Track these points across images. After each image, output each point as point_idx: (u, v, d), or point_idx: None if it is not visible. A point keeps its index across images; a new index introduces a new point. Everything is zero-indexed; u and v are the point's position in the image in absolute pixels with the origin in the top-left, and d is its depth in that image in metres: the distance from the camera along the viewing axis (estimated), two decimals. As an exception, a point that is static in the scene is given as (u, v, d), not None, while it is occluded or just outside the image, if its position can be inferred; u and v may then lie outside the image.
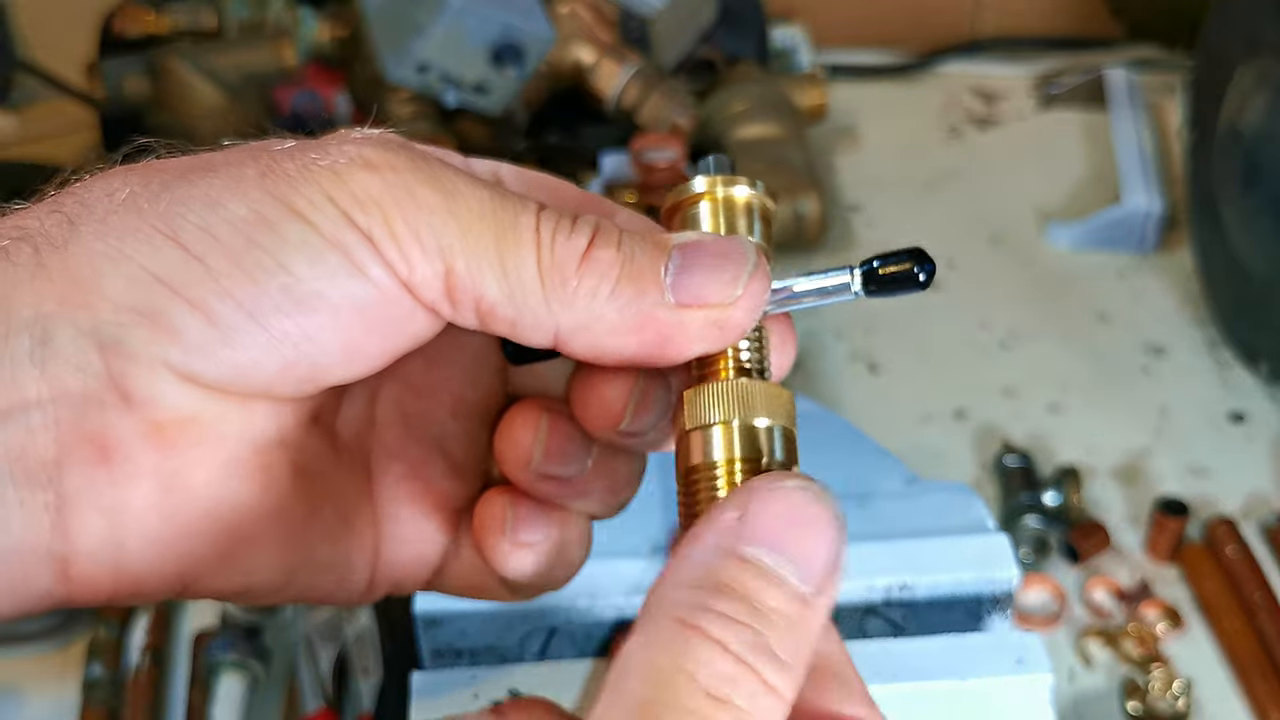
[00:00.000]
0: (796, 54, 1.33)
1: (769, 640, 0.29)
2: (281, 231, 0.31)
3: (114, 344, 0.30)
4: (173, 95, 1.04)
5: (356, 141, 0.33)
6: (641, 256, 0.33)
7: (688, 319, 0.32)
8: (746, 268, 0.33)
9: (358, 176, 0.31)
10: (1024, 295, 1.10)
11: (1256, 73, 0.93)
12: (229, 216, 0.31)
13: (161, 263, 0.30)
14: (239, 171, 0.32)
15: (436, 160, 0.33)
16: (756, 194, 0.36)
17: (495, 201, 0.32)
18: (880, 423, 0.95)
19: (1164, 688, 0.75)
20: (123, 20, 1.13)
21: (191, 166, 0.33)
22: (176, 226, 0.31)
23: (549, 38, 1.02)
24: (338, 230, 0.31)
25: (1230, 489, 0.90)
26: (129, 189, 0.32)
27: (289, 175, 0.31)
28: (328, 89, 1.16)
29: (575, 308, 0.32)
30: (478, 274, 0.32)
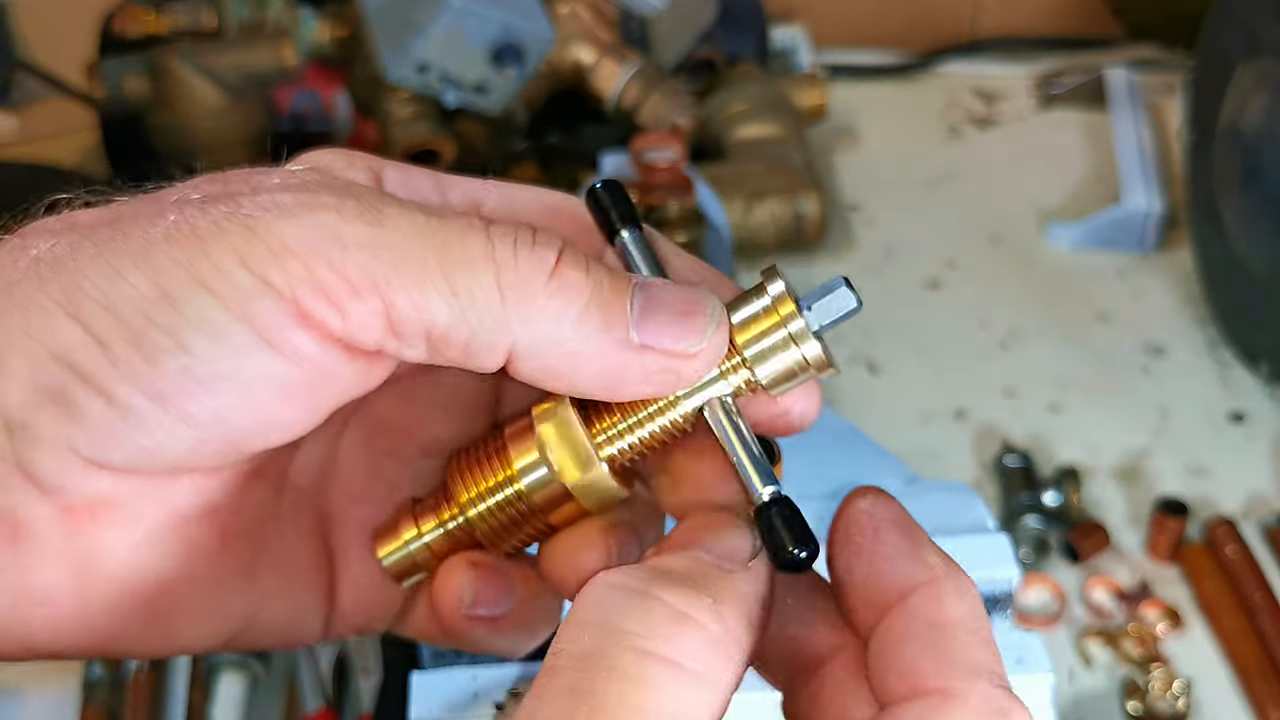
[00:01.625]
0: (796, 54, 1.33)
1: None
2: (182, 308, 0.29)
3: (20, 428, 0.29)
4: (173, 95, 1.04)
5: (278, 186, 0.31)
6: (609, 287, 0.31)
7: (648, 361, 0.31)
8: (712, 320, 0.32)
9: (275, 228, 0.29)
10: (1024, 295, 1.10)
11: (1256, 73, 0.93)
12: (129, 292, 0.29)
13: (63, 343, 0.29)
14: (146, 232, 0.30)
15: (365, 190, 0.31)
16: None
17: (432, 222, 0.30)
18: (880, 423, 0.95)
19: (1164, 688, 0.75)
20: (123, 20, 1.13)
21: (102, 222, 0.30)
22: (78, 302, 0.29)
23: (549, 38, 1.02)
24: (247, 300, 0.29)
25: (1230, 489, 0.90)
26: (34, 252, 0.30)
27: (198, 235, 0.29)
28: (328, 89, 1.16)
29: (537, 327, 0.30)
30: (422, 301, 0.30)
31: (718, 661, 0.28)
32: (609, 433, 0.33)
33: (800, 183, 1.09)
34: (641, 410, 0.33)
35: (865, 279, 1.12)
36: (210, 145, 1.05)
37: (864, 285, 1.16)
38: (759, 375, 0.33)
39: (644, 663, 0.27)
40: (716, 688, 0.28)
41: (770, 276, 0.33)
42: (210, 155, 1.05)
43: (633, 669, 0.27)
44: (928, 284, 1.12)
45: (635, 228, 0.34)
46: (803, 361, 0.33)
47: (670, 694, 0.27)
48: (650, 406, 0.33)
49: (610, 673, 0.27)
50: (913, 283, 1.12)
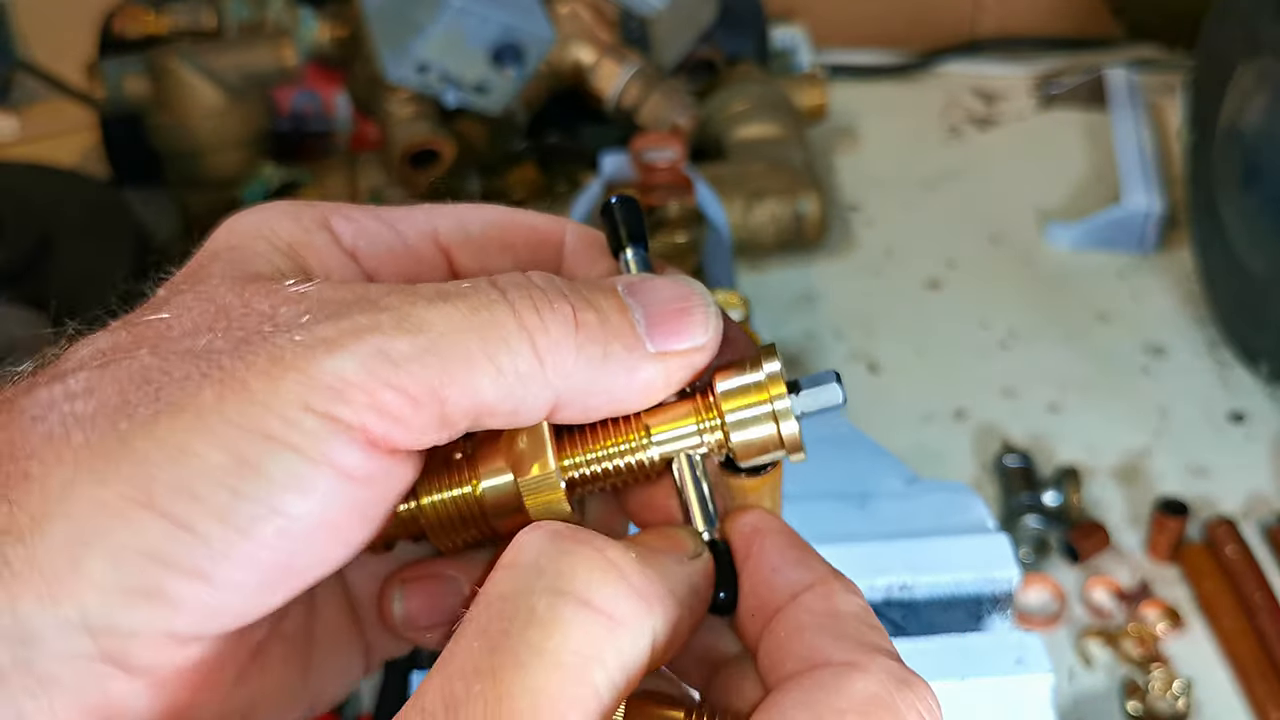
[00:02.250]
0: (796, 54, 1.33)
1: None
2: (264, 471, 0.28)
3: (108, 628, 0.28)
4: (173, 95, 1.04)
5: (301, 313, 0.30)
6: (610, 311, 0.32)
7: (669, 365, 0.32)
8: (709, 307, 0.33)
9: (327, 365, 0.29)
10: (1024, 295, 1.10)
11: (1256, 73, 0.93)
12: (203, 467, 0.28)
13: (146, 538, 0.28)
14: (196, 401, 0.28)
15: (385, 294, 0.31)
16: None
17: (462, 309, 0.30)
18: (880, 423, 0.95)
19: (1164, 688, 0.75)
20: (123, 20, 1.13)
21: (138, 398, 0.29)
22: (151, 492, 0.28)
23: (549, 38, 1.02)
24: (323, 444, 0.29)
25: (1230, 489, 0.90)
26: (79, 441, 0.28)
27: (250, 389, 0.28)
28: (328, 89, 1.16)
29: (574, 378, 0.31)
30: (472, 390, 0.30)
31: (636, 612, 0.28)
32: (575, 459, 0.34)
33: (800, 183, 1.09)
34: (613, 445, 0.34)
35: (865, 279, 1.12)
36: (210, 145, 1.05)
37: (864, 285, 1.17)
38: (733, 440, 0.34)
39: (558, 604, 0.27)
40: (632, 639, 0.28)
41: (768, 355, 0.34)
42: (210, 155, 1.05)
43: (545, 610, 0.27)
44: (928, 284, 1.12)
45: (642, 247, 0.35)
46: (777, 438, 0.34)
47: (580, 637, 0.27)
48: (623, 444, 0.34)
49: (521, 614, 0.27)
50: (913, 283, 1.12)
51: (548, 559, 0.28)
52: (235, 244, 0.33)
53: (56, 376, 0.30)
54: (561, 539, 0.29)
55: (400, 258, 0.35)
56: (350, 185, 1.09)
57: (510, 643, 0.27)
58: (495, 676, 0.27)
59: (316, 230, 0.34)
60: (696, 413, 0.34)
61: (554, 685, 0.27)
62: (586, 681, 0.27)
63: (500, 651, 0.27)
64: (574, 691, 0.27)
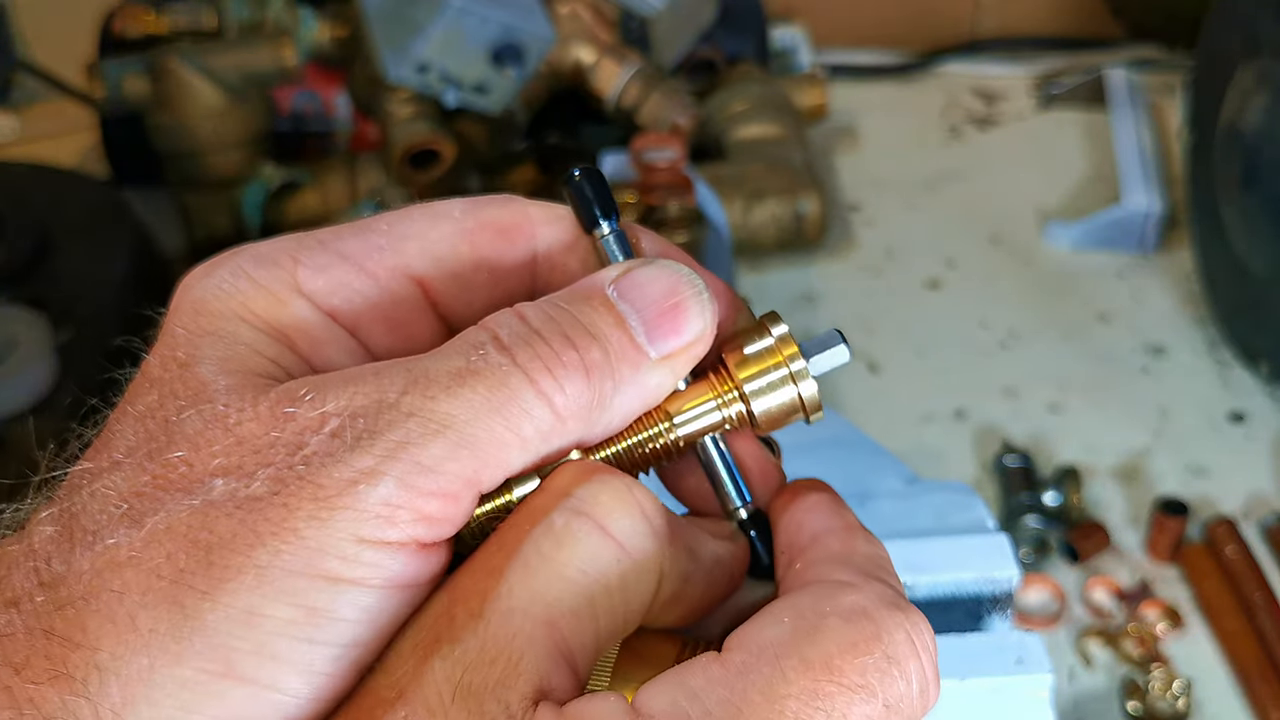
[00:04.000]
0: (796, 54, 1.33)
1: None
2: (337, 613, 0.28)
3: None
4: (173, 95, 1.04)
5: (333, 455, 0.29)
6: (609, 331, 0.32)
7: (674, 364, 0.32)
8: (700, 293, 0.32)
9: (372, 496, 0.28)
10: (1024, 295, 1.10)
11: (1256, 73, 0.93)
12: (277, 627, 0.28)
13: (231, 708, 0.28)
14: (252, 560, 0.28)
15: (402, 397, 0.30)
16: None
17: (483, 393, 0.30)
18: (880, 423, 0.95)
19: (1164, 688, 0.75)
20: (123, 20, 1.13)
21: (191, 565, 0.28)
22: (230, 663, 0.28)
23: (549, 38, 1.02)
24: (382, 570, 0.29)
25: (1230, 489, 0.90)
26: (145, 626, 0.28)
27: (305, 541, 0.28)
28: (328, 89, 1.16)
29: (593, 421, 0.31)
30: (503, 466, 0.30)
31: (647, 549, 0.29)
32: (602, 454, 0.34)
33: (800, 183, 1.09)
34: (637, 435, 0.34)
35: (865, 279, 1.12)
36: (210, 145, 1.05)
37: (864, 285, 1.16)
38: (754, 408, 0.34)
39: (574, 522, 0.29)
40: (639, 573, 0.29)
41: (773, 320, 0.34)
42: (210, 155, 1.05)
43: (560, 524, 0.29)
44: (928, 284, 1.12)
45: (615, 220, 0.34)
46: (798, 401, 0.34)
47: (588, 556, 0.29)
48: (646, 433, 0.34)
49: (540, 525, 0.29)
50: (913, 283, 1.12)
51: (576, 484, 0.30)
52: (212, 329, 0.32)
53: (91, 536, 0.29)
54: (593, 469, 0.30)
55: (378, 305, 0.34)
56: (350, 185, 1.09)
57: (522, 548, 0.28)
58: (500, 575, 0.28)
59: (290, 297, 0.33)
60: (713, 388, 0.34)
61: (553, 592, 0.28)
62: (584, 599, 0.28)
63: (510, 554, 0.28)
64: (571, 604, 0.28)
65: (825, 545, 0.32)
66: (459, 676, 0.27)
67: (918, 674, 0.29)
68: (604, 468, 0.31)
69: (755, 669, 0.28)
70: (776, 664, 0.28)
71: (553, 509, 0.29)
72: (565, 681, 0.28)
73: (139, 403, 0.31)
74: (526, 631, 0.28)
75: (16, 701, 0.27)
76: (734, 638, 0.29)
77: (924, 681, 0.29)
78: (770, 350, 0.34)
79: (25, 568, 0.29)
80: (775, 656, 0.28)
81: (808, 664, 0.28)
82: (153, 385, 0.31)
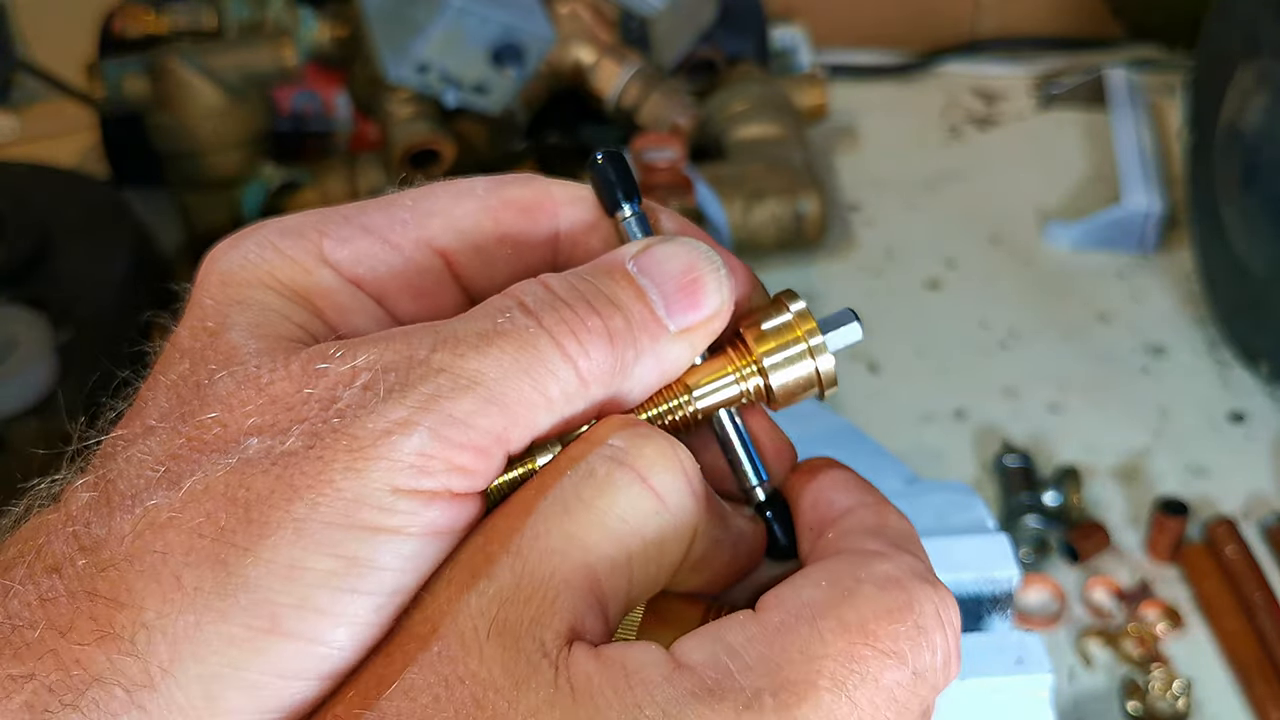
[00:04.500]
0: (796, 54, 1.33)
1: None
2: (377, 561, 0.28)
3: None
4: (173, 95, 1.04)
5: (367, 406, 0.29)
6: (631, 303, 0.32)
7: (693, 338, 0.33)
8: (718, 269, 0.33)
9: (406, 445, 0.29)
10: (1024, 295, 1.10)
11: (1256, 73, 0.93)
12: (319, 578, 0.28)
13: (280, 662, 0.28)
14: (290, 515, 0.28)
15: (430, 345, 0.30)
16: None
17: (510, 352, 0.30)
18: (880, 423, 0.95)
19: (1164, 688, 0.75)
20: (123, 20, 1.13)
21: (231, 523, 0.28)
22: (275, 618, 0.28)
23: (549, 38, 1.02)
24: (418, 517, 0.29)
25: (1230, 489, 0.90)
26: (190, 584, 0.28)
27: (341, 492, 0.28)
28: (328, 89, 1.16)
29: (615, 387, 0.32)
30: (530, 426, 0.30)
31: (685, 506, 0.30)
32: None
33: (800, 183, 1.09)
34: (656, 407, 0.34)
35: (865, 279, 1.12)
36: (210, 145, 1.05)
37: (864, 285, 1.16)
38: (772, 382, 0.34)
39: (616, 471, 0.29)
40: (675, 528, 0.30)
41: (790, 296, 0.35)
42: (210, 155, 1.05)
43: (602, 471, 0.29)
44: (928, 284, 1.12)
45: (636, 202, 0.35)
46: (815, 376, 0.34)
47: (627, 505, 0.29)
48: (665, 405, 0.34)
49: (581, 470, 0.29)
50: (913, 283, 1.12)
51: (620, 436, 0.30)
52: (240, 298, 0.32)
53: (129, 500, 0.29)
54: (637, 423, 0.31)
55: (402, 275, 0.35)
56: (350, 185, 1.09)
57: (561, 491, 0.29)
58: (539, 514, 0.29)
59: (316, 266, 0.33)
60: (730, 362, 0.34)
61: (590, 537, 0.28)
62: (622, 545, 0.29)
63: (549, 496, 0.29)
64: (608, 550, 0.29)
65: (858, 517, 0.32)
66: (494, 612, 0.28)
67: (943, 647, 0.30)
68: (646, 424, 0.31)
69: (793, 628, 0.29)
70: (814, 624, 0.29)
71: (592, 455, 0.30)
72: (598, 626, 0.29)
73: (170, 372, 0.31)
74: (563, 572, 0.28)
75: (64, 663, 0.27)
76: (769, 597, 0.30)
77: (948, 654, 0.30)
78: (789, 325, 0.34)
79: (64, 534, 0.29)
80: (813, 617, 0.29)
81: (845, 626, 0.29)
82: (183, 355, 0.32)
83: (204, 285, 0.33)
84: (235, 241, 0.33)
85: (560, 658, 0.27)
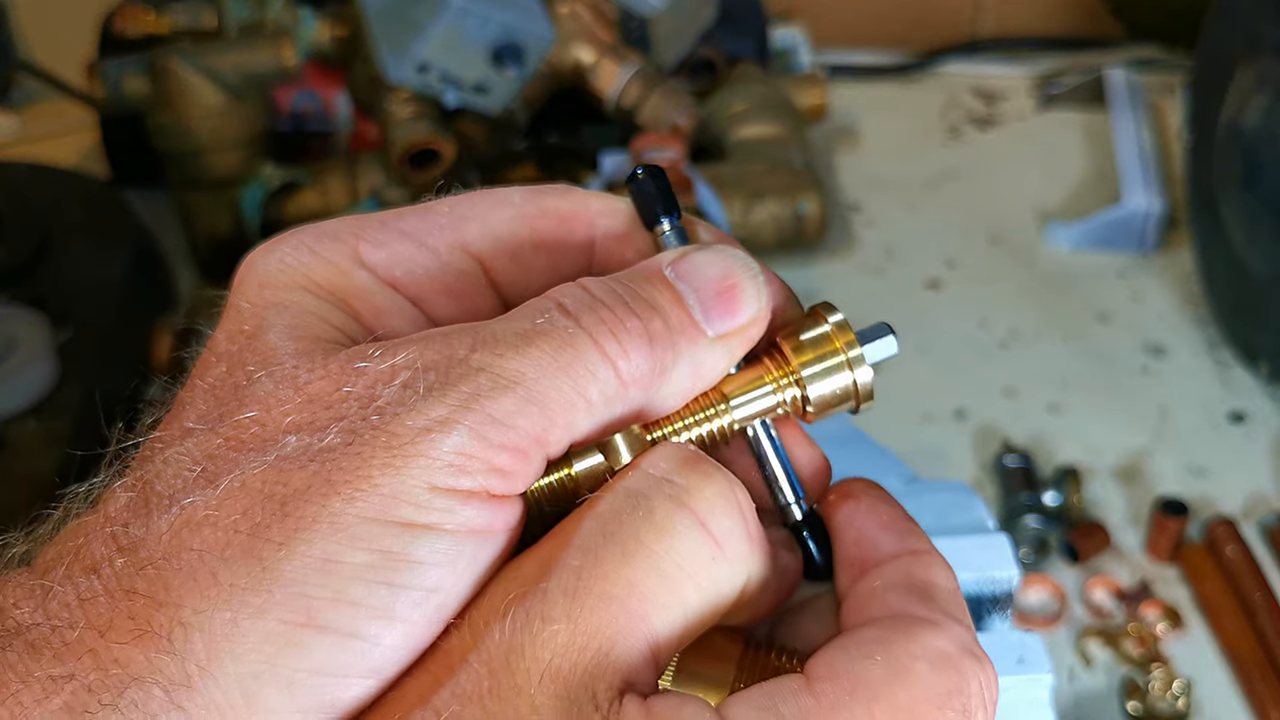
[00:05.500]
0: (796, 54, 1.33)
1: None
2: (413, 556, 0.28)
3: None
4: (173, 95, 1.04)
5: (406, 404, 0.29)
6: (669, 308, 0.32)
7: (731, 344, 0.33)
8: (755, 276, 0.33)
9: (445, 444, 0.29)
10: (1024, 295, 1.10)
11: (1256, 73, 0.93)
12: (355, 572, 0.28)
13: (315, 658, 0.28)
14: (327, 510, 0.28)
15: (469, 345, 0.30)
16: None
17: (550, 352, 0.30)
18: (880, 423, 0.95)
19: (1164, 688, 0.75)
20: (123, 20, 1.13)
21: (266, 518, 0.29)
22: (311, 612, 0.28)
23: (549, 38, 1.02)
24: (456, 515, 0.29)
25: (1230, 489, 0.90)
26: (226, 580, 0.28)
27: (379, 488, 0.28)
28: (328, 89, 1.16)
29: (653, 389, 0.32)
30: (569, 428, 0.30)
31: (742, 552, 0.30)
32: (658, 433, 0.34)
33: (800, 183, 1.09)
34: (693, 415, 0.34)
35: (865, 279, 1.12)
36: (210, 145, 1.05)
37: (864, 285, 1.16)
38: (810, 393, 0.34)
39: (676, 514, 0.29)
40: (730, 574, 0.30)
41: (828, 309, 0.35)
42: (210, 155, 1.05)
43: (663, 515, 0.29)
44: (928, 284, 1.12)
45: (676, 217, 0.35)
46: (852, 388, 0.34)
47: (686, 551, 0.29)
48: (702, 414, 0.34)
49: (640, 512, 0.29)
50: (913, 283, 1.12)
51: (679, 473, 0.30)
52: (277, 301, 0.32)
53: (167, 500, 0.29)
54: (698, 459, 0.30)
55: (439, 278, 0.35)
56: (350, 185, 1.09)
57: (622, 532, 0.28)
58: (598, 556, 0.28)
59: (353, 268, 0.34)
60: (768, 372, 0.34)
61: (649, 585, 0.28)
62: (678, 593, 0.29)
63: (611, 538, 0.28)
64: (665, 598, 0.28)
65: (905, 568, 0.32)
66: (548, 659, 0.27)
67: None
68: (705, 458, 0.31)
69: (847, 707, 0.28)
70: (868, 707, 0.28)
71: (654, 495, 0.29)
72: (649, 676, 0.28)
73: (208, 375, 0.32)
74: (620, 622, 0.28)
75: (102, 663, 0.27)
76: (822, 665, 0.29)
77: None
78: (827, 336, 0.34)
79: (102, 534, 0.29)
80: (868, 699, 0.29)
81: (896, 710, 0.29)
82: (220, 359, 0.32)
83: (241, 289, 0.33)
84: (271, 246, 0.34)
85: (612, 710, 0.27)
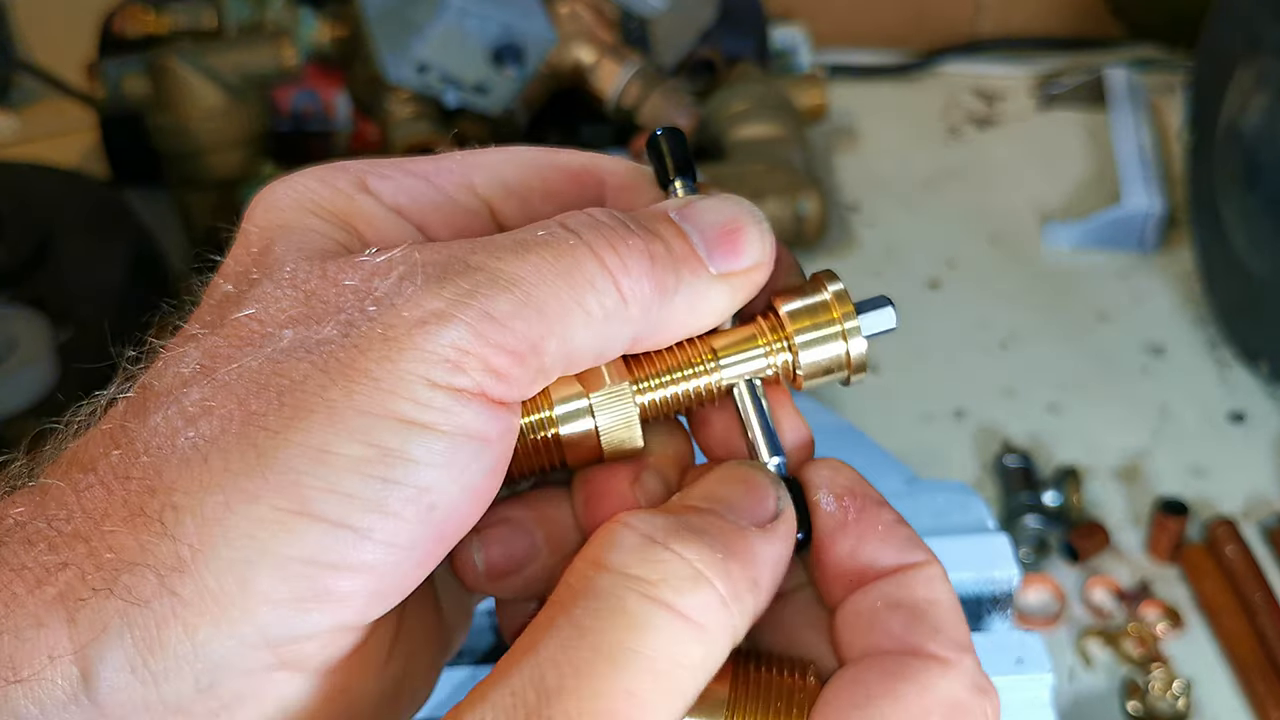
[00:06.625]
0: (796, 54, 1.33)
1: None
2: (409, 453, 0.28)
3: (285, 638, 0.28)
4: (173, 95, 1.04)
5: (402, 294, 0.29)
6: (672, 239, 0.32)
7: (734, 285, 0.33)
8: (761, 223, 0.33)
9: (441, 337, 0.29)
10: (1024, 295, 1.10)
11: (1256, 73, 0.93)
12: (350, 464, 0.28)
13: (308, 546, 0.28)
14: (324, 400, 0.28)
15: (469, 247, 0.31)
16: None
17: (549, 259, 0.30)
18: (880, 423, 0.95)
19: (1164, 688, 0.75)
20: (123, 20, 1.13)
21: (263, 407, 0.29)
22: (304, 500, 0.28)
23: (549, 38, 1.02)
24: (453, 414, 0.29)
25: (1230, 489, 0.90)
26: (219, 466, 0.28)
27: (377, 381, 0.28)
28: (328, 89, 1.16)
29: (652, 313, 0.32)
30: (566, 337, 0.30)
31: (721, 619, 0.29)
32: (645, 383, 0.34)
33: (800, 183, 1.09)
34: (681, 368, 0.34)
35: (865, 279, 1.12)
36: (210, 145, 1.05)
37: (864, 285, 1.16)
38: (801, 359, 0.34)
39: (651, 610, 0.28)
40: (715, 644, 0.29)
41: (830, 277, 0.34)
42: (210, 155, 1.05)
43: (639, 614, 0.28)
44: (928, 284, 1.12)
45: (690, 178, 0.35)
46: (844, 358, 0.34)
47: (670, 642, 0.28)
48: (690, 368, 0.34)
49: (616, 615, 0.28)
50: (913, 283, 1.12)
51: (640, 565, 0.29)
52: (284, 221, 0.33)
53: (164, 396, 0.29)
54: (652, 544, 0.29)
55: (445, 211, 0.35)
56: (350, 185, 1.09)
57: (605, 640, 0.28)
58: (591, 671, 0.28)
59: (358, 194, 0.34)
60: (761, 334, 0.34)
61: (646, 687, 0.28)
62: (674, 684, 0.28)
63: (596, 649, 0.28)
64: (663, 695, 0.28)
65: (904, 588, 0.31)
66: None
67: None
68: (659, 535, 0.30)
69: None
70: None
71: (623, 593, 0.29)
72: None
73: (215, 294, 0.32)
74: None
75: (95, 550, 0.28)
76: (830, 711, 0.30)
77: None
78: (825, 304, 0.34)
79: (100, 433, 0.30)
80: None
81: None
82: (227, 278, 0.32)
83: (250, 216, 0.34)
84: (281, 179, 0.34)
85: None
